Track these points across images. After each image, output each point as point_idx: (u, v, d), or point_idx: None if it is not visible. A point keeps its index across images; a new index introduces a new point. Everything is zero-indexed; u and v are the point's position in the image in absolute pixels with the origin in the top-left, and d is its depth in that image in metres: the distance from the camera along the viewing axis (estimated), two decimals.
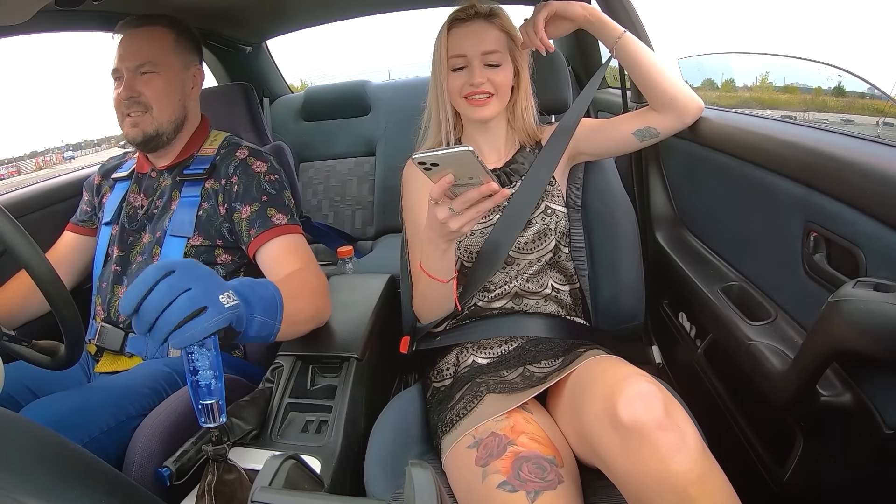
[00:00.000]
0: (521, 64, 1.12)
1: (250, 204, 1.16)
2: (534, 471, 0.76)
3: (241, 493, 0.75)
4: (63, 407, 0.91)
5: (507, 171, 1.15)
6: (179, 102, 1.21)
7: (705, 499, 0.65)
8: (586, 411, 0.78)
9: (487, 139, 1.17)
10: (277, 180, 1.21)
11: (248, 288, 0.79)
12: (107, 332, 1.17)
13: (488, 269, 1.07)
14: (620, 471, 0.71)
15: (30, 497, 0.43)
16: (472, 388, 0.98)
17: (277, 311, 0.83)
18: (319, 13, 2.17)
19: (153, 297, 0.65)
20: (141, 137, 1.17)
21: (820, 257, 0.86)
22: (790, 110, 1.38)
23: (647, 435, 0.68)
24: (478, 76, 1.05)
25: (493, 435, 0.83)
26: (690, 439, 0.68)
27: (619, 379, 0.75)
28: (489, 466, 0.79)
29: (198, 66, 1.28)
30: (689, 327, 1.26)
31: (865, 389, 0.77)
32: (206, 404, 0.70)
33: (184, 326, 0.65)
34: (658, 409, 0.70)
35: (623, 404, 0.71)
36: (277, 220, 1.15)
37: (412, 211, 1.17)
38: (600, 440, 0.73)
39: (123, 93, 1.15)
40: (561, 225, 1.11)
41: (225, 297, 0.70)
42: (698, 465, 0.67)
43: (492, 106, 1.08)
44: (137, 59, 1.16)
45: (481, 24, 1.07)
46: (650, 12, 1.46)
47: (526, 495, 0.73)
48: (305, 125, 2.44)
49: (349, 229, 2.29)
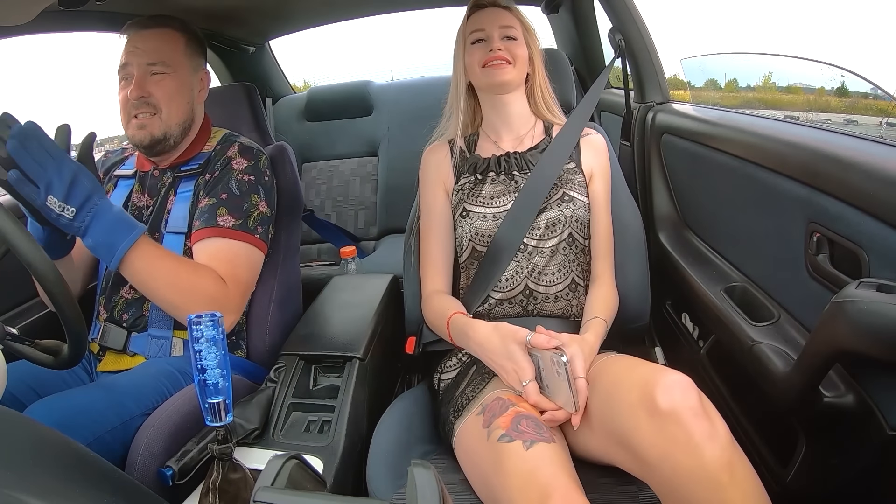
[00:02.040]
0: (535, 53, 1.16)
1: (209, 197, 1.15)
2: (531, 425, 0.82)
3: (245, 493, 0.75)
4: (68, 407, 0.91)
5: (527, 156, 1.15)
6: (188, 105, 1.21)
7: (735, 486, 0.68)
8: (619, 402, 0.79)
9: (504, 120, 1.18)
10: (250, 182, 1.18)
11: (99, 217, 0.93)
12: (110, 332, 1.17)
13: (502, 256, 1.07)
14: (655, 457, 0.72)
15: (33, 497, 0.43)
16: (478, 372, 1.01)
17: (118, 244, 0.94)
18: (322, 13, 2.18)
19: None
20: (148, 140, 1.16)
21: (823, 258, 0.86)
22: (793, 110, 1.37)
23: (684, 422, 0.70)
24: (496, 43, 1.10)
25: (498, 399, 0.90)
26: (721, 429, 0.71)
27: (655, 371, 0.78)
28: (492, 425, 0.85)
29: (205, 69, 1.28)
30: (691, 328, 1.26)
31: (868, 390, 0.77)
32: (213, 403, 0.70)
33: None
34: (694, 399, 0.73)
35: (661, 392, 0.73)
36: (223, 222, 1.12)
37: (425, 198, 1.20)
38: (635, 428, 0.75)
39: (134, 92, 1.13)
40: (579, 213, 1.10)
41: (54, 201, 0.88)
42: (728, 452, 0.69)
43: (509, 72, 1.11)
44: (150, 57, 1.14)
45: (499, 10, 1.14)
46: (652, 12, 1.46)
47: (522, 444, 0.79)
48: (308, 125, 2.45)
49: (352, 229, 2.29)
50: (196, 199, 1.18)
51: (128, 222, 0.97)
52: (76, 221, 0.90)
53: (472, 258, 1.12)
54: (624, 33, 1.45)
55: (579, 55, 2.03)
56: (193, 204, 1.17)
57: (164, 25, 1.19)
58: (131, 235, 0.95)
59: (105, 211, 0.93)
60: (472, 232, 1.10)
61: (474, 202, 1.11)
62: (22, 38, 1.28)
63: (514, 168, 1.13)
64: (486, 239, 1.09)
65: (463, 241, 1.12)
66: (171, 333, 1.15)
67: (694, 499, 0.68)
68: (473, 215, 1.10)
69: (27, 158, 0.85)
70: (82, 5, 1.14)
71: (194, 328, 0.68)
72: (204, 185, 1.18)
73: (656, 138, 1.45)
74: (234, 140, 1.25)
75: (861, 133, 0.89)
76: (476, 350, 0.99)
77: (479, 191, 1.12)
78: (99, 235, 0.93)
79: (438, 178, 1.17)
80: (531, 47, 1.15)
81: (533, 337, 0.90)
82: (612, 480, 0.88)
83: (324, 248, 2.21)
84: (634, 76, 1.54)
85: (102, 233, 0.93)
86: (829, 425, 0.82)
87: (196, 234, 1.12)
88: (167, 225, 1.18)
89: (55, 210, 0.88)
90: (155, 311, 1.15)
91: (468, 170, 1.15)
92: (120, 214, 0.96)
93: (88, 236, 0.93)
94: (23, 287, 1.24)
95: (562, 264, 1.09)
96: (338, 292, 1.28)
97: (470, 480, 0.90)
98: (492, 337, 0.95)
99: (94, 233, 0.92)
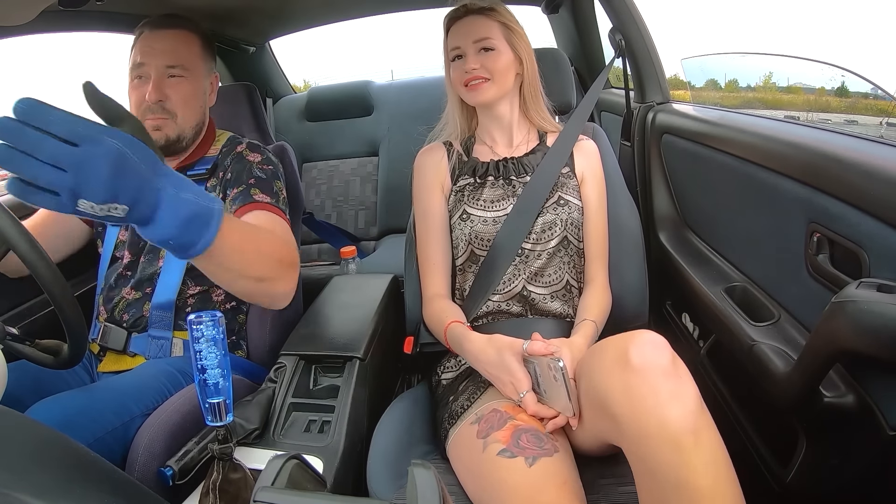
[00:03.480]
0: (523, 53, 1.13)
1: (238, 187, 1.15)
2: (532, 440, 0.82)
3: (245, 493, 0.75)
4: (68, 407, 0.91)
5: (524, 161, 1.15)
6: (201, 109, 1.21)
7: (699, 451, 0.67)
8: (597, 362, 0.80)
9: (499, 127, 1.18)
10: (271, 170, 1.19)
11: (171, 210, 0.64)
12: (110, 332, 1.18)
13: (502, 261, 1.08)
14: (624, 416, 0.72)
15: (33, 497, 0.43)
16: (474, 380, 1.01)
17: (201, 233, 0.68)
18: (322, 14, 2.18)
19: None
20: (163, 141, 1.15)
21: (823, 258, 0.86)
22: (793, 110, 1.38)
23: (651, 379, 0.70)
24: (470, 62, 1.09)
25: (495, 411, 0.89)
26: (690, 390, 0.71)
27: (633, 333, 0.78)
28: (489, 437, 0.84)
29: (216, 73, 1.28)
30: (692, 328, 1.26)
31: (869, 391, 0.77)
32: (214, 403, 0.70)
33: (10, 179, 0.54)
34: (666, 358, 0.72)
35: (634, 349, 0.73)
36: (259, 198, 1.12)
37: (421, 200, 1.19)
38: (608, 384, 0.75)
39: (152, 95, 1.11)
40: (573, 217, 1.11)
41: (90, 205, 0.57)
42: (694, 416, 0.68)
43: (487, 90, 1.09)
44: (168, 59, 1.14)
45: (474, 18, 1.11)
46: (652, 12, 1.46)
47: (524, 460, 0.78)
48: (308, 125, 2.45)
49: (352, 229, 2.29)
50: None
51: (203, 206, 0.67)
52: (131, 218, 0.62)
53: (471, 261, 1.12)
54: (624, 33, 1.45)
55: (579, 55, 2.03)
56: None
57: (180, 27, 1.18)
58: (213, 223, 0.68)
59: (171, 197, 0.63)
60: (472, 235, 1.10)
61: (475, 205, 1.12)
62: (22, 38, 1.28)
63: (512, 173, 1.13)
64: (486, 243, 1.09)
65: (460, 244, 1.12)
66: (171, 334, 1.16)
67: (657, 460, 0.68)
68: (474, 218, 1.11)
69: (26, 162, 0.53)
70: (82, 5, 1.14)
71: (194, 328, 0.68)
72: (213, 188, 1.19)
73: (656, 138, 1.45)
74: (240, 141, 1.27)
75: (861, 133, 0.89)
76: (472, 361, 0.99)
77: (479, 194, 1.13)
78: (168, 229, 0.64)
79: (436, 179, 1.17)
80: (517, 48, 1.12)
81: (529, 345, 0.90)
82: (612, 481, 0.88)
83: (324, 249, 2.21)
84: (634, 76, 1.55)
85: (172, 226, 0.64)
86: (829, 425, 0.82)
87: (236, 213, 1.08)
88: None
89: (96, 213, 0.58)
90: (155, 311, 1.15)
91: (467, 172, 1.15)
92: (192, 197, 0.65)
93: (151, 231, 0.64)
94: (23, 287, 1.23)
95: (557, 266, 1.10)
96: (338, 292, 1.28)
97: (465, 488, 0.89)
98: (487, 349, 0.95)
99: (159, 227, 0.64)
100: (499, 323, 1.10)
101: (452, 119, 1.21)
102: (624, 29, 1.45)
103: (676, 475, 0.66)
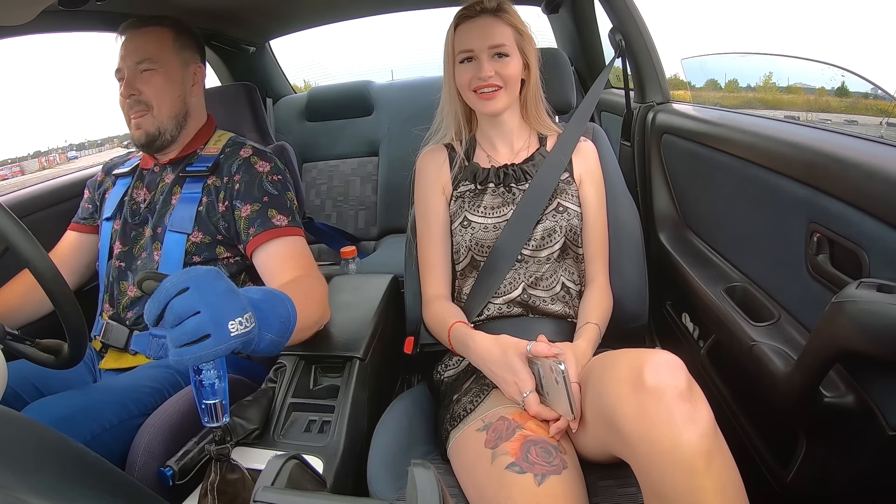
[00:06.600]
0: (530, 57, 1.11)
1: (251, 203, 1.16)
2: (541, 454, 0.80)
3: (244, 493, 0.75)
4: (66, 405, 0.92)
5: (524, 168, 1.14)
6: (179, 99, 1.22)
7: (711, 474, 0.66)
8: (609, 379, 0.78)
9: (500, 133, 1.17)
10: (280, 181, 1.21)
11: (268, 305, 0.80)
12: (112, 329, 1.18)
13: (501, 266, 1.07)
14: (634, 434, 0.71)
15: (33, 496, 0.43)
16: (477, 382, 1.00)
17: (289, 329, 0.84)
18: (322, 13, 2.18)
19: (167, 316, 0.67)
20: (144, 139, 1.19)
21: (823, 258, 0.86)
22: (794, 111, 1.38)
23: (667, 401, 0.69)
24: (485, 69, 1.05)
25: (503, 419, 0.87)
26: (704, 414, 0.69)
27: (647, 351, 0.76)
28: (498, 448, 0.82)
29: (199, 63, 1.28)
30: (692, 328, 1.26)
31: (869, 391, 0.76)
32: (210, 404, 0.70)
33: (184, 349, 0.67)
34: (682, 380, 0.71)
35: (649, 369, 0.72)
36: (278, 222, 1.15)
37: (422, 202, 1.18)
38: (618, 403, 0.73)
39: (125, 91, 1.17)
40: (573, 223, 1.11)
41: (235, 324, 0.69)
42: (708, 440, 0.67)
43: (501, 99, 1.07)
44: (138, 55, 1.17)
45: (488, 20, 1.07)
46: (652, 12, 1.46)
47: (533, 477, 0.77)
48: (309, 125, 2.45)
49: (352, 229, 2.30)
50: (210, 202, 1.18)
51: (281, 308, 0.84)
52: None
53: (471, 266, 1.12)
54: (624, 33, 1.45)
55: (579, 55, 2.03)
56: (203, 205, 1.18)
57: (154, 24, 1.21)
58: (293, 316, 0.85)
59: (265, 316, 0.78)
60: (472, 242, 1.10)
61: (475, 212, 1.11)
62: (22, 38, 1.28)
63: (512, 180, 1.13)
64: (486, 249, 1.09)
65: (461, 250, 1.12)
66: None
67: (668, 482, 0.67)
68: (475, 225, 1.10)
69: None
70: (82, 5, 1.15)
71: None
72: (215, 189, 1.19)
73: (656, 138, 1.45)
74: (244, 144, 1.27)
75: (861, 133, 0.89)
76: (476, 361, 0.98)
77: (480, 201, 1.12)
78: (268, 343, 0.80)
79: (438, 181, 1.16)
80: (526, 53, 1.10)
81: (533, 346, 0.90)
82: (612, 483, 0.88)
83: (324, 249, 2.21)
84: (635, 76, 1.54)
85: (272, 335, 0.80)
86: (830, 425, 0.82)
87: (256, 238, 1.14)
88: (171, 223, 1.18)
89: (249, 329, 0.73)
90: None
91: (467, 178, 1.15)
92: (271, 308, 0.81)
93: (259, 347, 0.78)
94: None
95: (557, 272, 1.10)
96: (338, 292, 1.28)
97: (465, 493, 0.89)
98: (492, 349, 0.95)
99: (263, 340, 0.78)
100: (500, 323, 1.10)
101: (454, 120, 1.18)
102: (624, 29, 1.45)
103: (688, 499, 0.66)
